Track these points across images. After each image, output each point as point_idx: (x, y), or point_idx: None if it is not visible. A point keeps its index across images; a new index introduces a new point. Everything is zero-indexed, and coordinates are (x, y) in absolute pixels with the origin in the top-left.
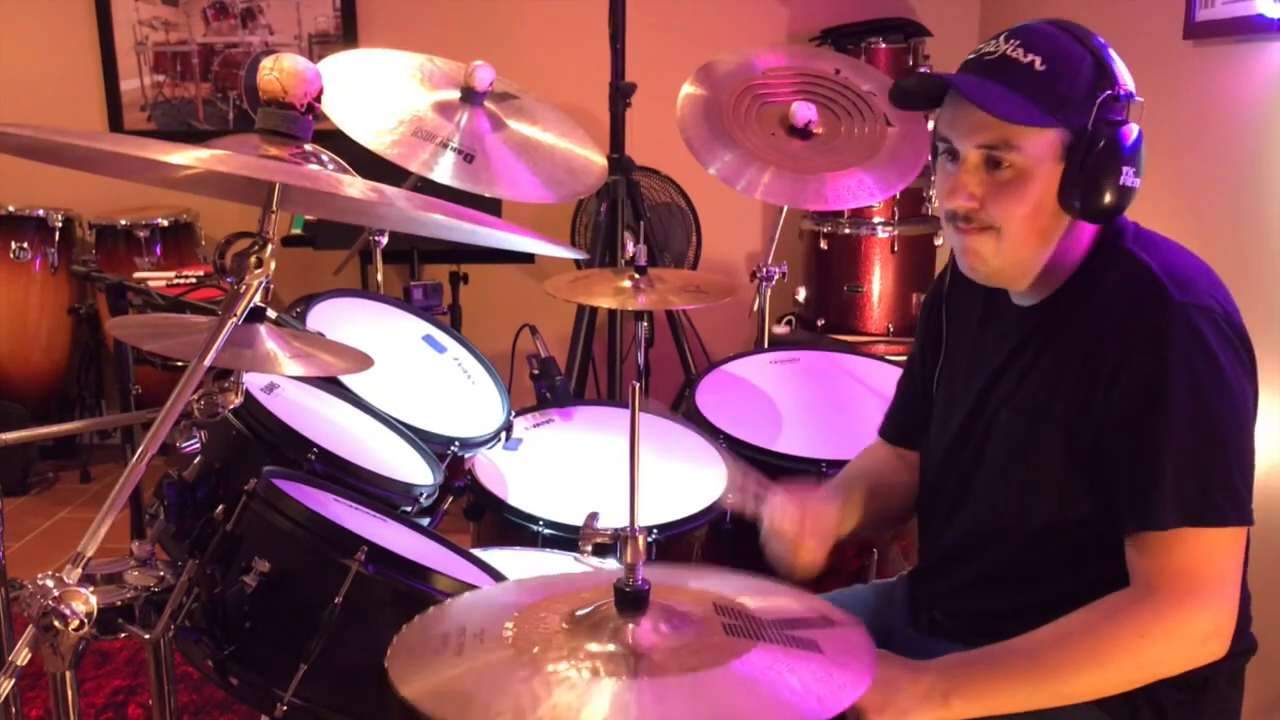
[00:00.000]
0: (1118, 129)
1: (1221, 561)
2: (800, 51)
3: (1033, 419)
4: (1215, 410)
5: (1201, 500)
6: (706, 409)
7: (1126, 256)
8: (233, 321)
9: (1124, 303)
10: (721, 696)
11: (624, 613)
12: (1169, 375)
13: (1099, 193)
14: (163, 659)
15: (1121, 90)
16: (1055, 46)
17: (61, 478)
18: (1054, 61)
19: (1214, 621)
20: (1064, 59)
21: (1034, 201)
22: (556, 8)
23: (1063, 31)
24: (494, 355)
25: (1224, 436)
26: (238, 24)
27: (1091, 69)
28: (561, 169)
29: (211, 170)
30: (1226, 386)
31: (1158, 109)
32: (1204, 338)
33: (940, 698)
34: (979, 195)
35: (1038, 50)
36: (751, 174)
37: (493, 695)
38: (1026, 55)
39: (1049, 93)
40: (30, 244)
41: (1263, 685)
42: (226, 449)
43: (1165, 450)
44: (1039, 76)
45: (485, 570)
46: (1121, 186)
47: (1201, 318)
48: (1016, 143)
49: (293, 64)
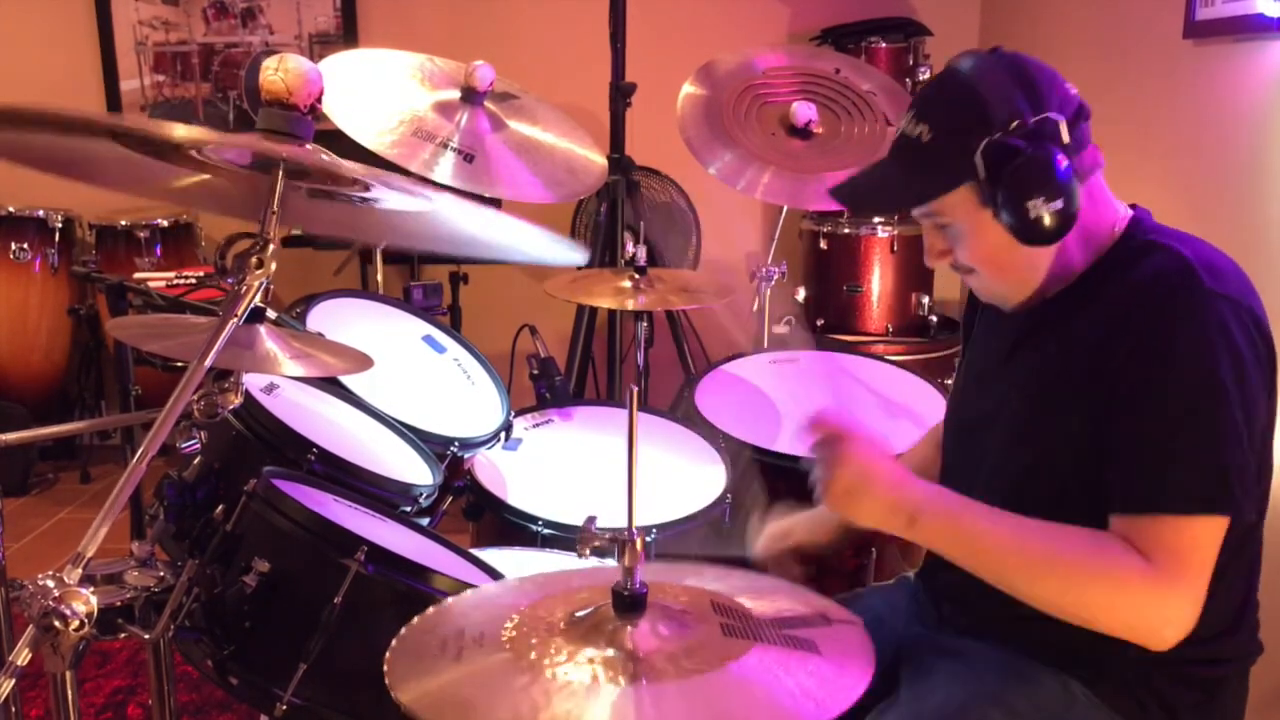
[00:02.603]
0: (1017, 167)
1: (1207, 551)
2: (800, 51)
3: (1042, 403)
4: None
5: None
6: (706, 409)
7: (1159, 246)
8: (233, 322)
9: (1153, 290)
10: (719, 701)
11: (622, 615)
12: (1184, 360)
13: (1027, 227)
14: (162, 659)
15: (1020, 122)
16: (944, 108)
17: (62, 478)
18: (940, 129)
19: (1187, 611)
20: (948, 119)
21: (987, 245)
22: (557, 8)
23: (961, 81)
24: (494, 355)
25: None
26: (238, 24)
27: (978, 119)
28: (562, 169)
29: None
30: (1244, 377)
31: (1158, 109)
32: (1228, 328)
33: (905, 520)
34: (945, 249)
35: (927, 117)
36: (751, 174)
37: (492, 703)
38: (917, 127)
39: (937, 161)
40: (30, 244)
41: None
42: (226, 449)
43: (1177, 434)
44: (926, 149)
45: (484, 570)
46: (1046, 213)
47: (1227, 307)
48: (935, 209)
49: (297, 64)
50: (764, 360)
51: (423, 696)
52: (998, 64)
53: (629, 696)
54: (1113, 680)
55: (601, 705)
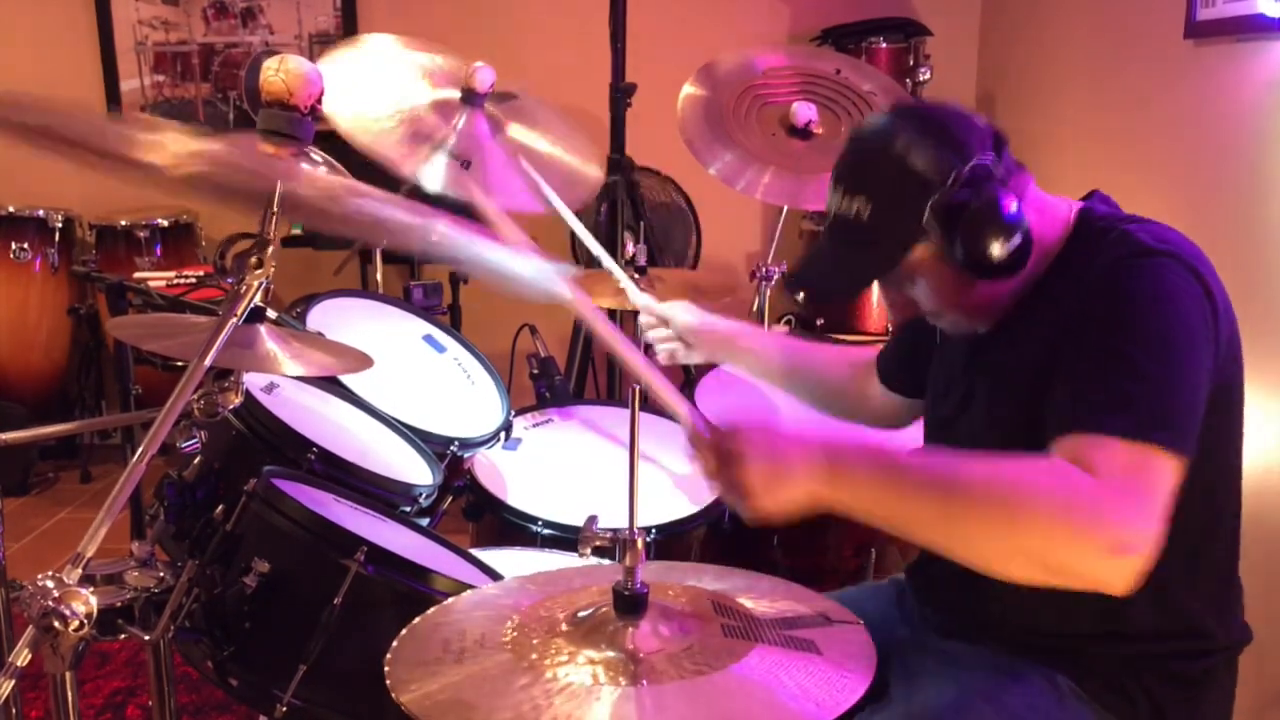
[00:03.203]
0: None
1: (1158, 481)
2: (801, 51)
3: (1010, 391)
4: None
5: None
6: (706, 409)
7: (1104, 232)
8: (233, 322)
9: (1104, 262)
10: (720, 703)
11: (623, 616)
12: (1127, 299)
13: (987, 266)
14: (162, 660)
15: (963, 171)
16: (878, 181)
17: (62, 478)
18: (880, 203)
19: (1143, 531)
20: (886, 191)
21: (949, 290)
22: (557, 8)
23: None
24: (494, 355)
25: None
26: (238, 24)
27: (915, 181)
28: (558, 179)
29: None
30: (1181, 317)
31: (1159, 109)
32: (1173, 278)
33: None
34: (907, 305)
35: (863, 192)
36: (752, 174)
37: (493, 704)
38: (852, 204)
39: (888, 234)
40: (30, 244)
41: (1260, 684)
42: (226, 449)
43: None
44: (866, 226)
45: (484, 571)
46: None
47: (1173, 262)
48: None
49: (297, 65)
50: None
51: (423, 697)
52: (909, 124)
53: (630, 697)
54: (1100, 675)
55: (602, 706)
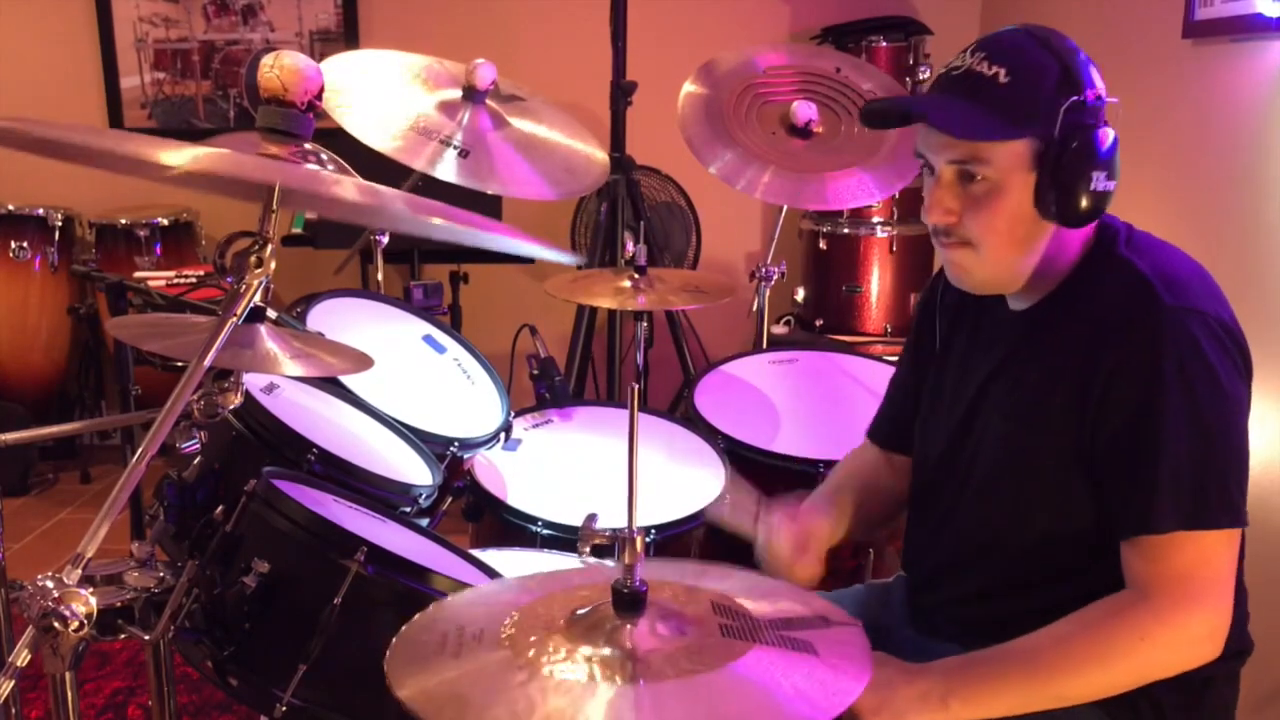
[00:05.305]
0: (1088, 134)
1: (1217, 563)
2: (801, 50)
3: (1026, 428)
4: (1209, 415)
5: (1197, 504)
6: (705, 409)
7: (1118, 260)
8: (233, 321)
9: (1117, 309)
10: (718, 703)
11: (621, 614)
12: (1163, 382)
13: (1073, 198)
14: (162, 660)
15: (1090, 95)
16: (1020, 56)
17: (61, 478)
18: (1018, 72)
19: (1210, 624)
20: (1028, 68)
21: (1009, 212)
22: (558, 6)
23: (1030, 39)
24: (494, 355)
25: (1219, 440)
26: (238, 21)
27: (1058, 76)
28: (562, 167)
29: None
30: (1220, 390)
31: (1157, 108)
32: (1197, 342)
33: (938, 700)
34: (956, 209)
35: (1002, 61)
36: (752, 173)
37: (489, 699)
38: (991, 68)
39: (1013, 104)
40: (30, 243)
41: (1257, 684)
42: (226, 449)
43: (1161, 455)
44: (1003, 88)
45: (484, 571)
46: (1094, 191)
47: (1194, 321)
48: (985, 156)
49: (293, 62)
50: (763, 360)
51: (421, 693)
52: (1060, 38)
53: (626, 695)
54: None
55: (598, 704)
